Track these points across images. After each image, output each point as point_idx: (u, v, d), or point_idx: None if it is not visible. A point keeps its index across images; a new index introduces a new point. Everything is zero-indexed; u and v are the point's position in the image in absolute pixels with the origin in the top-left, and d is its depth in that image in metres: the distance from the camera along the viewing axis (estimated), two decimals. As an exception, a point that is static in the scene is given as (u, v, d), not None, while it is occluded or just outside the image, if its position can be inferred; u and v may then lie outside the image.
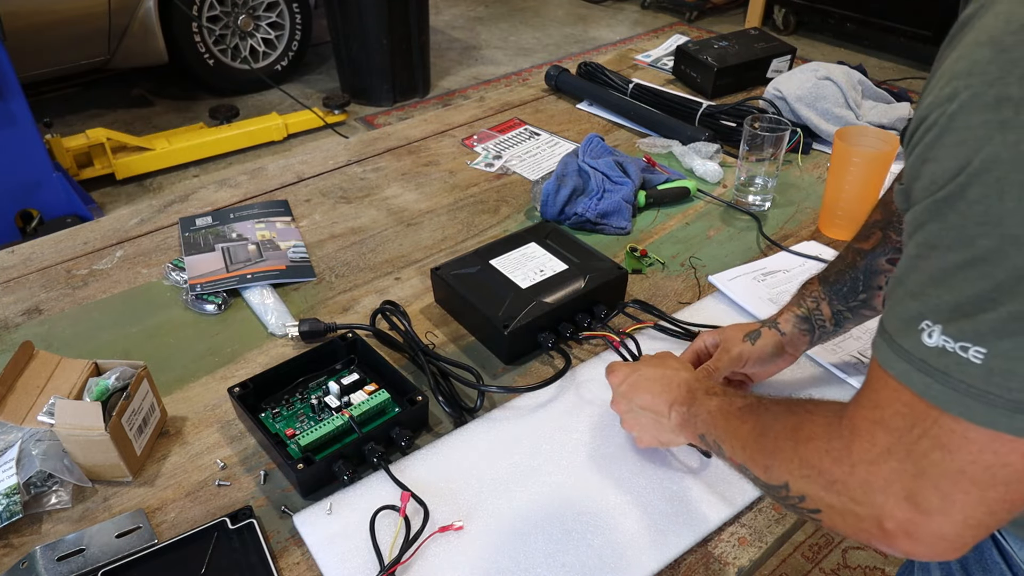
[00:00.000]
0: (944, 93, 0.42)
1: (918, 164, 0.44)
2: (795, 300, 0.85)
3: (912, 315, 0.44)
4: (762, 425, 0.59)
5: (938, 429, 0.44)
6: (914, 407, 0.44)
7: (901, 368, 0.45)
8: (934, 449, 0.44)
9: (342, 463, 0.76)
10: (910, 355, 0.44)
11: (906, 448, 0.45)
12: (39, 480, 0.75)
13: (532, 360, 0.94)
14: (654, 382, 0.75)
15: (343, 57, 3.52)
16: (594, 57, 1.76)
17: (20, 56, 2.36)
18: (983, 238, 0.40)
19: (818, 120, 1.39)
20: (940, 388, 0.43)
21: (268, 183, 1.33)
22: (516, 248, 1.03)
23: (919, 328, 0.43)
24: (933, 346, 0.43)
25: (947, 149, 0.41)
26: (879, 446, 0.47)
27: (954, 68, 0.42)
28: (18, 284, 1.08)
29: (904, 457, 0.45)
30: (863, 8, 3.98)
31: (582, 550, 0.71)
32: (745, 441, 0.61)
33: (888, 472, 0.46)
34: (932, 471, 0.44)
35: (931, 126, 0.43)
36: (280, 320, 0.99)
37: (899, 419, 0.45)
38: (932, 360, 0.43)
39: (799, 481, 0.53)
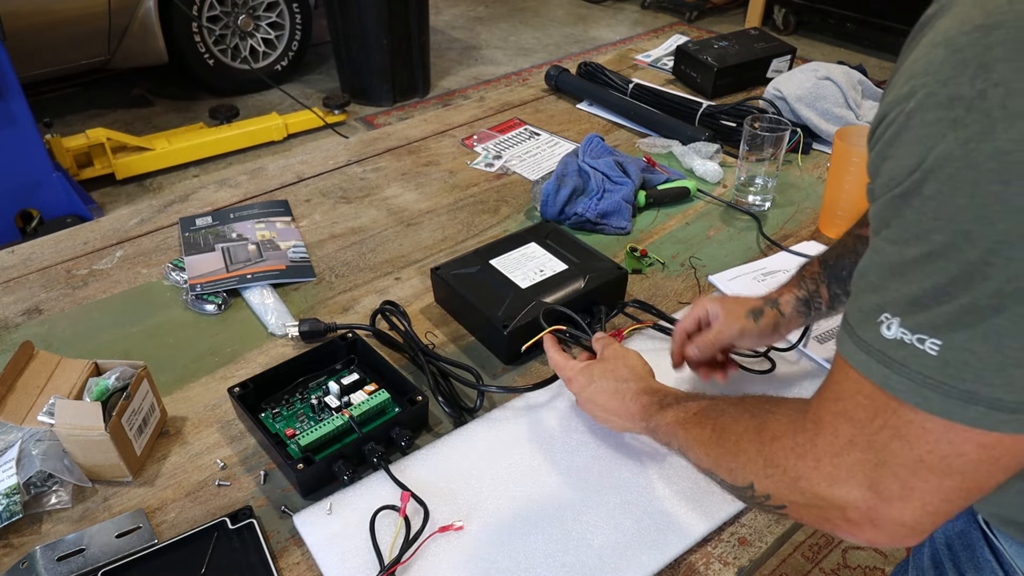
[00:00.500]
0: (903, 92, 0.43)
1: (879, 161, 0.45)
2: (796, 281, 0.85)
3: (872, 307, 0.45)
4: (721, 427, 0.61)
5: (897, 419, 0.45)
6: (875, 398, 0.46)
7: (861, 359, 0.46)
8: (894, 439, 0.45)
9: (342, 463, 0.76)
10: (869, 346, 0.45)
11: (867, 439, 0.46)
12: (39, 480, 0.75)
13: (532, 360, 0.94)
14: (609, 396, 0.76)
15: (343, 57, 3.52)
16: (594, 57, 1.76)
17: (20, 56, 2.36)
18: (937, 233, 0.41)
19: (818, 120, 1.39)
20: (898, 379, 0.44)
21: (268, 183, 1.33)
22: (516, 248, 1.03)
23: (878, 320, 0.44)
24: (892, 338, 0.44)
25: (904, 147, 0.42)
26: (842, 438, 0.48)
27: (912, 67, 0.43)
28: (18, 284, 1.08)
29: (866, 447, 0.46)
30: (863, 8, 3.98)
31: (582, 550, 0.71)
32: (707, 446, 0.62)
33: (851, 463, 0.47)
34: (892, 460, 0.46)
35: (890, 124, 0.44)
36: (280, 320, 0.99)
37: (861, 410, 0.46)
38: (891, 352, 0.44)
39: (764, 481, 0.54)
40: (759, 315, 0.84)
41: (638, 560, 0.70)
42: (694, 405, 0.66)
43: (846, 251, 0.84)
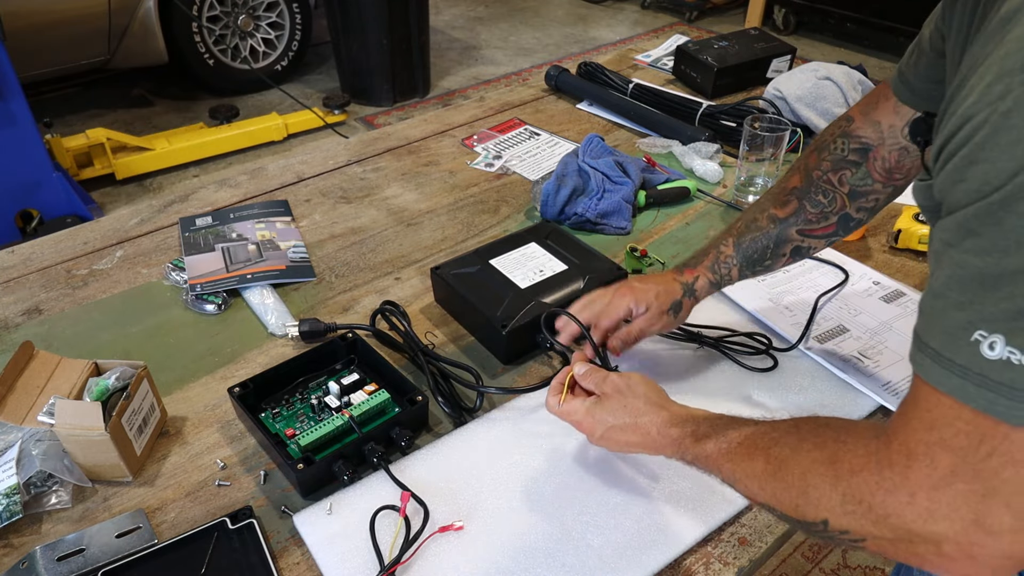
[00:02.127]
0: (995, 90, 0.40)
1: (963, 166, 0.42)
2: (709, 263, 0.86)
3: (960, 325, 0.42)
4: (778, 460, 0.56)
5: (1009, 445, 0.42)
6: (978, 424, 0.42)
7: (956, 384, 0.43)
8: (1006, 466, 0.42)
9: (342, 463, 0.76)
10: (966, 370, 0.42)
11: (973, 468, 0.43)
12: (39, 480, 0.75)
13: (531, 360, 0.94)
14: (630, 432, 0.70)
15: (343, 57, 3.52)
16: (594, 57, 1.76)
17: (20, 56, 2.36)
18: None
19: (818, 120, 1.39)
20: (1008, 403, 0.41)
21: (268, 183, 1.33)
22: (516, 248, 1.03)
23: (972, 340, 0.41)
24: (996, 358, 0.41)
25: (1001, 149, 0.39)
26: (941, 469, 0.44)
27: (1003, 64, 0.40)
28: (18, 284, 1.08)
29: (972, 478, 0.43)
30: (863, 8, 3.98)
31: (582, 550, 0.71)
32: (762, 480, 0.57)
33: (953, 496, 0.44)
34: (1004, 489, 0.42)
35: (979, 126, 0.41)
36: (280, 320, 0.99)
37: (962, 438, 0.43)
38: (994, 374, 0.41)
39: (842, 518, 0.49)
40: (677, 308, 0.85)
41: (638, 560, 0.70)
42: (736, 434, 0.61)
43: (760, 233, 0.85)
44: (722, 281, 0.87)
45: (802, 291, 1.04)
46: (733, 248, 0.86)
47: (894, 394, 0.87)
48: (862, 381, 0.89)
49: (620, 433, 0.70)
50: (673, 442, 0.67)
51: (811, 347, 0.94)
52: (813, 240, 0.84)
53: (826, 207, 0.81)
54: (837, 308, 1.01)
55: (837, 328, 0.97)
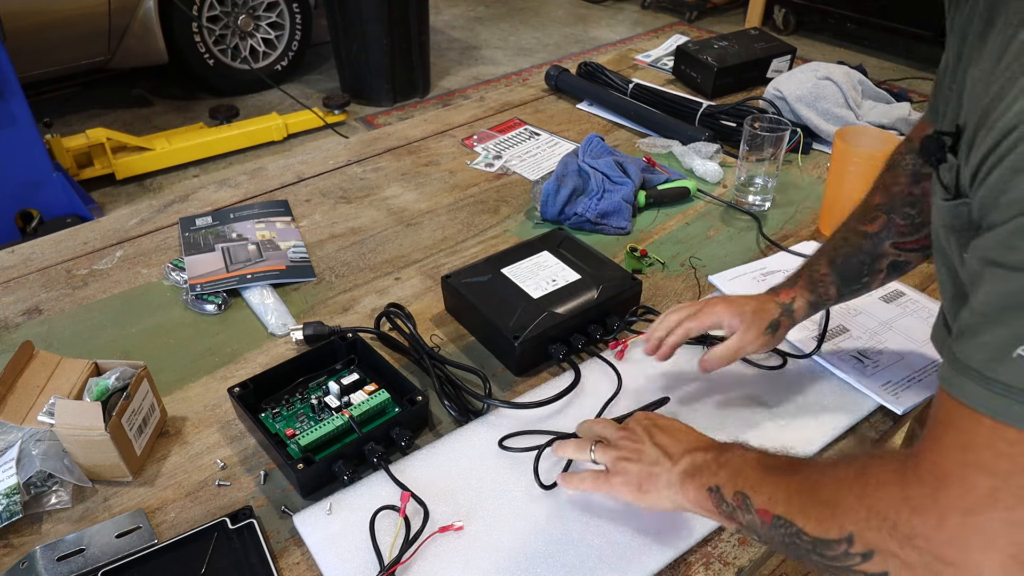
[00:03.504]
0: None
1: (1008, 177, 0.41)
2: (806, 284, 0.84)
3: (1004, 343, 0.41)
4: (815, 477, 0.53)
5: None
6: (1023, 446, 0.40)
7: (999, 404, 0.41)
8: None
9: (342, 463, 0.76)
10: (1008, 387, 0.40)
11: (1014, 493, 0.40)
12: (39, 480, 0.75)
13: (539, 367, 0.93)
14: (680, 431, 0.69)
15: (343, 57, 3.52)
16: (594, 57, 1.76)
17: (20, 56, 2.36)
18: None
19: (818, 120, 1.39)
20: None
21: (268, 183, 1.33)
22: (528, 257, 1.02)
23: (1015, 356, 0.40)
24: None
25: None
26: (978, 492, 0.41)
27: None
28: (18, 284, 1.08)
29: (1012, 504, 0.40)
30: (863, 8, 3.98)
31: (582, 550, 0.71)
32: (791, 492, 0.54)
33: (990, 523, 0.41)
34: None
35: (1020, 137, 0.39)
36: (280, 320, 0.99)
37: (1003, 461, 0.40)
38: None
39: (868, 532, 0.46)
40: (776, 328, 0.83)
41: (638, 560, 0.70)
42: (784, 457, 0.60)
43: (854, 250, 0.82)
44: (819, 301, 0.84)
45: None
46: (828, 267, 0.83)
47: (894, 394, 0.87)
48: (862, 381, 0.89)
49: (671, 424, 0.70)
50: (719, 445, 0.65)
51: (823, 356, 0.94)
52: (908, 254, 0.82)
53: (915, 218, 0.79)
54: (837, 308, 1.01)
55: (837, 328, 0.97)
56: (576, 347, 0.92)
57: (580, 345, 0.92)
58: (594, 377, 0.90)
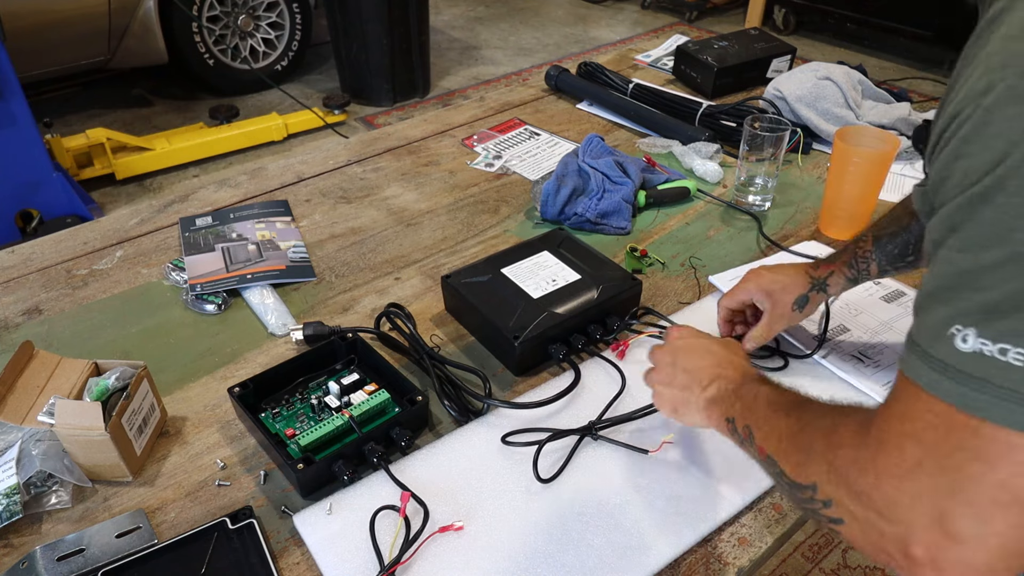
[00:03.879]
0: (978, 87, 0.41)
1: (950, 161, 0.42)
2: (848, 259, 0.86)
3: (941, 321, 0.42)
4: (801, 423, 0.58)
5: (976, 440, 0.41)
6: (949, 418, 0.42)
7: (931, 378, 0.43)
8: (972, 461, 0.41)
9: (342, 463, 0.76)
10: (943, 364, 0.42)
11: (939, 462, 0.43)
12: (39, 480, 0.75)
13: (540, 367, 0.93)
14: (710, 354, 0.73)
15: (343, 57, 3.52)
16: (594, 57, 1.76)
17: (20, 56, 2.35)
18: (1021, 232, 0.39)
19: (818, 120, 1.39)
20: (978, 396, 0.41)
21: (268, 183, 1.33)
22: (528, 257, 1.02)
23: (949, 334, 0.42)
24: (969, 351, 0.41)
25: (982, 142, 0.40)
26: (909, 460, 0.44)
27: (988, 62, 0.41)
28: (18, 284, 1.08)
29: (936, 472, 0.43)
30: (863, 8, 3.98)
31: (582, 550, 0.71)
32: (782, 434, 0.59)
33: (917, 488, 0.44)
34: (968, 487, 0.41)
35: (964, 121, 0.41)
36: (280, 320, 0.99)
37: (931, 432, 0.43)
38: (967, 367, 0.41)
39: (827, 485, 0.51)
40: (804, 303, 0.85)
41: (638, 560, 0.70)
42: (792, 395, 0.64)
43: (899, 228, 0.84)
44: (859, 277, 0.86)
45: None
46: (872, 243, 0.85)
47: (894, 394, 0.87)
48: (862, 381, 0.89)
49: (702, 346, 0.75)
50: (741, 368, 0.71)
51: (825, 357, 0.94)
52: None
53: None
54: (837, 308, 1.01)
55: (837, 328, 0.97)
56: (576, 347, 0.92)
57: (580, 345, 0.92)
58: (594, 377, 0.90)
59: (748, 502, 0.76)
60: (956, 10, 3.48)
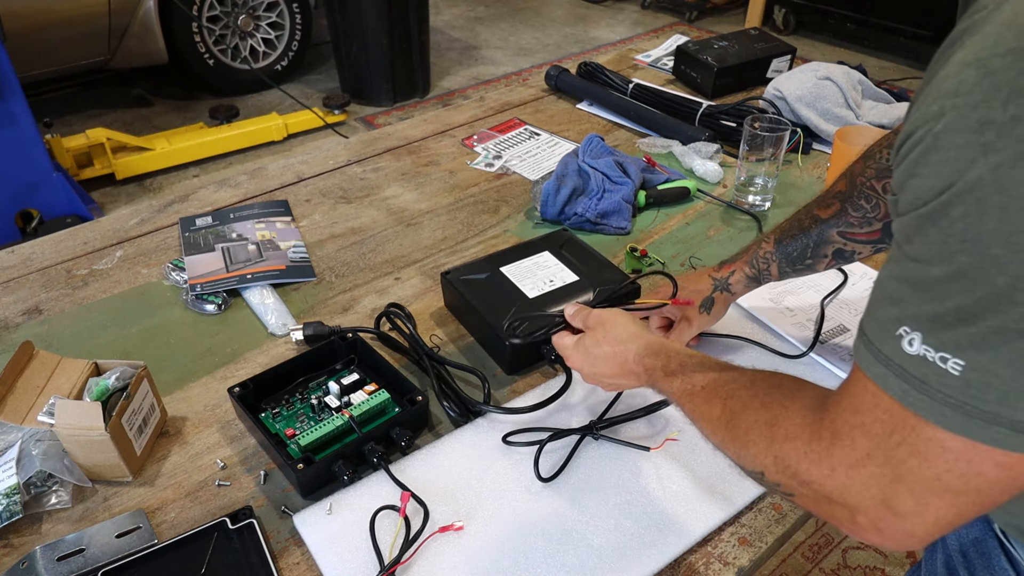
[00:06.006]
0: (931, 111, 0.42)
1: (904, 177, 0.44)
2: (748, 259, 0.90)
3: (891, 319, 0.45)
4: (730, 412, 0.60)
5: (915, 437, 0.44)
6: (893, 413, 0.45)
7: (880, 372, 0.45)
8: (911, 456, 0.45)
9: (342, 463, 0.76)
10: (889, 360, 0.45)
11: (884, 454, 0.46)
12: (39, 480, 0.75)
13: (537, 365, 0.93)
14: (610, 363, 0.74)
15: (343, 57, 3.52)
16: (594, 57, 1.76)
17: (20, 56, 2.36)
18: (963, 255, 0.40)
19: (818, 120, 1.39)
20: (918, 396, 0.43)
21: (268, 183, 1.33)
22: (528, 256, 1.02)
23: (897, 334, 0.44)
24: (914, 354, 0.43)
25: (931, 167, 0.42)
26: (859, 451, 0.47)
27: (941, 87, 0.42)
28: (18, 284, 1.08)
29: (883, 463, 0.46)
30: (863, 8, 3.98)
31: (582, 550, 0.71)
32: (715, 426, 0.61)
33: (866, 476, 0.47)
34: (909, 478, 0.45)
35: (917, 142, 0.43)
36: (280, 320, 0.99)
37: (879, 425, 0.46)
38: (911, 368, 0.44)
39: (775, 474, 0.54)
40: (710, 304, 0.88)
41: (638, 560, 0.70)
42: (701, 378, 0.65)
43: (800, 231, 0.87)
44: (760, 276, 0.89)
45: (803, 292, 1.04)
46: (773, 245, 0.88)
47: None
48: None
49: (601, 365, 0.75)
50: (645, 371, 0.71)
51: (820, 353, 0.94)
52: (855, 244, 0.85)
53: (868, 212, 0.83)
54: (837, 308, 1.01)
55: (837, 328, 0.97)
56: None
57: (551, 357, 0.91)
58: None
59: (748, 502, 0.76)
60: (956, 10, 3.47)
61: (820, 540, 1.71)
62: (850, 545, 1.69)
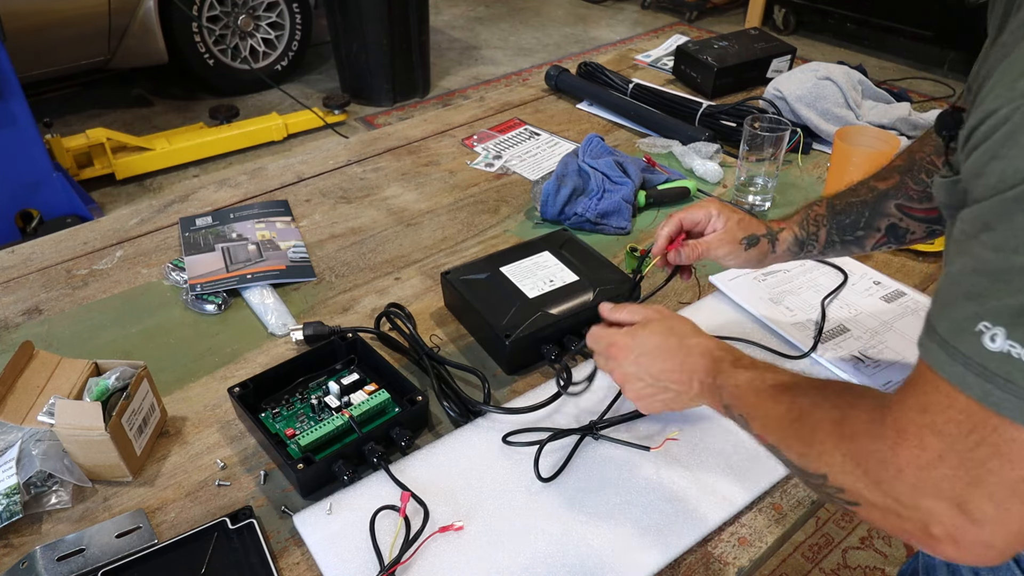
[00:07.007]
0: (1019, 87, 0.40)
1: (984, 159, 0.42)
2: (800, 219, 0.86)
3: (968, 316, 0.42)
4: (799, 409, 0.57)
5: (997, 437, 0.42)
6: (971, 413, 0.43)
7: (956, 372, 0.43)
8: (992, 457, 0.42)
9: (342, 463, 0.76)
10: (967, 359, 0.42)
11: (960, 455, 0.43)
12: (39, 480, 0.75)
13: (536, 364, 0.93)
14: (668, 353, 0.70)
15: (343, 57, 3.52)
16: (594, 57, 1.76)
17: (20, 56, 2.35)
18: None
19: (818, 120, 1.39)
20: (1002, 395, 0.41)
21: (268, 183, 1.33)
22: (528, 256, 1.02)
23: (976, 330, 0.42)
24: (996, 351, 0.41)
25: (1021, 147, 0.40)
26: (930, 452, 0.45)
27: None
28: (18, 284, 1.08)
29: (957, 464, 0.44)
30: (863, 8, 3.98)
31: (582, 550, 0.71)
32: (779, 423, 0.58)
33: (939, 478, 0.44)
34: (988, 480, 0.43)
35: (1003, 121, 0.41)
36: (280, 320, 0.99)
37: (953, 425, 0.44)
38: (993, 365, 0.41)
39: (840, 476, 0.51)
40: (752, 243, 0.84)
41: (638, 560, 0.70)
42: (772, 376, 0.62)
43: (857, 200, 0.83)
44: (807, 240, 0.85)
45: (803, 291, 1.04)
46: (826, 209, 0.84)
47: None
48: (862, 381, 0.89)
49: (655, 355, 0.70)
50: (711, 362, 0.67)
51: (822, 354, 0.94)
52: (911, 221, 0.82)
53: (929, 187, 0.79)
54: (837, 308, 1.01)
55: (837, 328, 0.97)
56: (569, 348, 0.92)
57: (573, 347, 0.92)
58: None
59: (748, 502, 0.76)
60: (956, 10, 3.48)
61: (820, 540, 1.71)
62: (850, 545, 1.69)
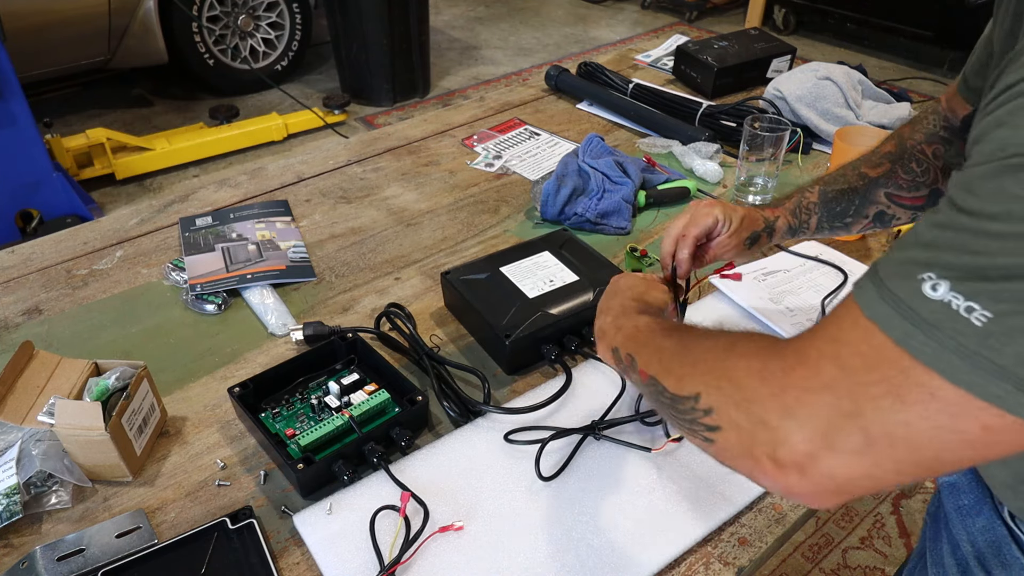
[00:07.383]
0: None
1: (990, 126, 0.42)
2: (793, 207, 0.87)
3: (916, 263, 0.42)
4: (687, 341, 0.58)
5: (903, 379, 0.41)
6: (883, 351, 0.42)
7: (882, 311, 0.43)
8: (886, 395, 0.42)
9: (342, 463, 0.76)
10: (899, 301, 0.42)
11: (851, 387, 0.43)
12: (39, 480, 0.75)
13: (536, 364, 0.93)
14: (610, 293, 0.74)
15: (343, 57, 3.52)
16: (594, 57, 1.76)
17: (20, 56, 2.36)
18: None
19: (818, 120, 1.39)
20: (924, 339, 0.41)
21: (268, 183, 1.33)
22: (528, 256, 1.02)
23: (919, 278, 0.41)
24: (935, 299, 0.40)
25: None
26: (823, 377, 0.44)
27: None
28: (18, 284, 1.08)
29: (844, 394, 0.43)
30: (863, 8, 3.98)
31: (582, 550, 0.71)
32: (663, 354, 0.59)
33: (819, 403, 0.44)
34: (871, 415, 0.42)
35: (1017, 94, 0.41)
36: (280, 320, 0.99)
37: (858, 358, 0.43)
38: (925, 312, 0.41)
39: (712, 392, 0.50)
40: (754, 241, 0.85)
41: (638, 560, 0.70)
42: (672, 324, 0.63)
43: (848, 188, 0.85)
44: (800, 228, 0.86)
45: (803, 291, 1.04)
46: (818, 196, 0.85)
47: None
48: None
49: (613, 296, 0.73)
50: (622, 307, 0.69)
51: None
52: (898, 208, 0.84)
53: (918, 176, 0.81)
54: (837, 308, 1.01)
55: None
56: (569, 348, 0.92)
57: (573, 347, 0.92)
58: (588, 379, 0.90)
59: (748, 502, 0.76)
60: (956, 10, 3.48)
61: (820, 540, 1.71)
62: (850, 545, 1.69)
